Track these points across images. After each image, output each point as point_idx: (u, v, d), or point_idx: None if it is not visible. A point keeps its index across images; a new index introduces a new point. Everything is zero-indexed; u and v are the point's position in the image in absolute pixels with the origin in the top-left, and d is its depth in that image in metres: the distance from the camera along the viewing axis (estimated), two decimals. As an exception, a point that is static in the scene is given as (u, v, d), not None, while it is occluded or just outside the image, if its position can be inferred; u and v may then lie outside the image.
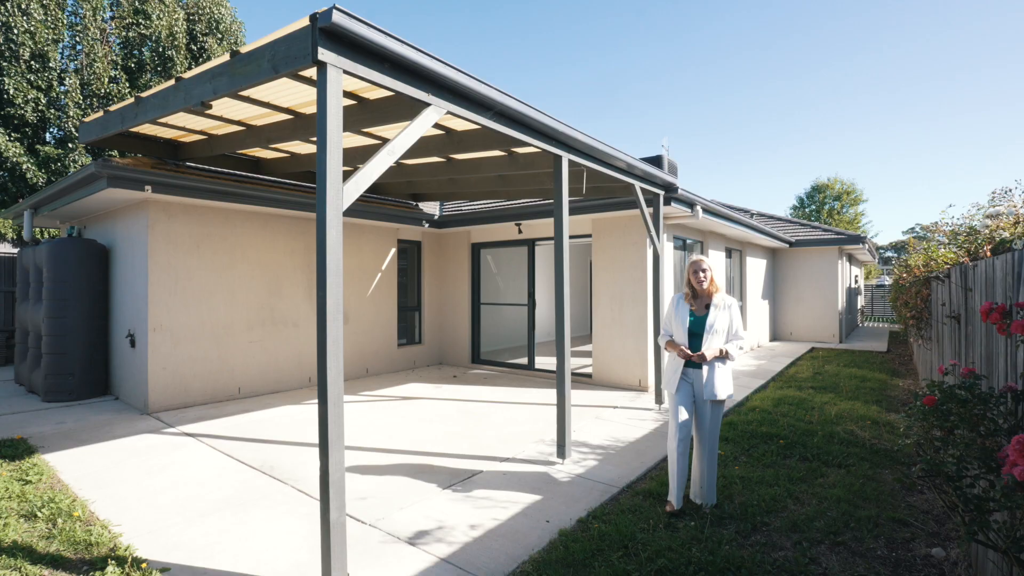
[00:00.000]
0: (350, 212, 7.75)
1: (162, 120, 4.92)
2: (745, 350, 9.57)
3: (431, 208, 9.76)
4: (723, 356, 3.52)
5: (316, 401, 6.88)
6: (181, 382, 6.42)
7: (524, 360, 9.44)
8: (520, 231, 8.78)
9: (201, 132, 5.57)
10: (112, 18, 13.16)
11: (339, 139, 2.65)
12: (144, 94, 4.17)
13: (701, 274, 3.58)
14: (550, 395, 7.19)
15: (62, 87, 11.50)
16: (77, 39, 11.84)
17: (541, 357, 10.18)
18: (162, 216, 6.29)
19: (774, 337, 14.32)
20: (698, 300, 3.65)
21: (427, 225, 9.10)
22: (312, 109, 4.42)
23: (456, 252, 9.86)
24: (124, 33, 12.89)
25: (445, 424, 5.81)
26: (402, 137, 3.03)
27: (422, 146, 5.02)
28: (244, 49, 3.07)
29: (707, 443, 3.61)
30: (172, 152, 6.13)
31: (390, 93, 3.77)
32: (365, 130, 4.71)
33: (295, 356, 7.62)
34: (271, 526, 3.40)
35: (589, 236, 8.17)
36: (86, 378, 6.78)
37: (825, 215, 32.86)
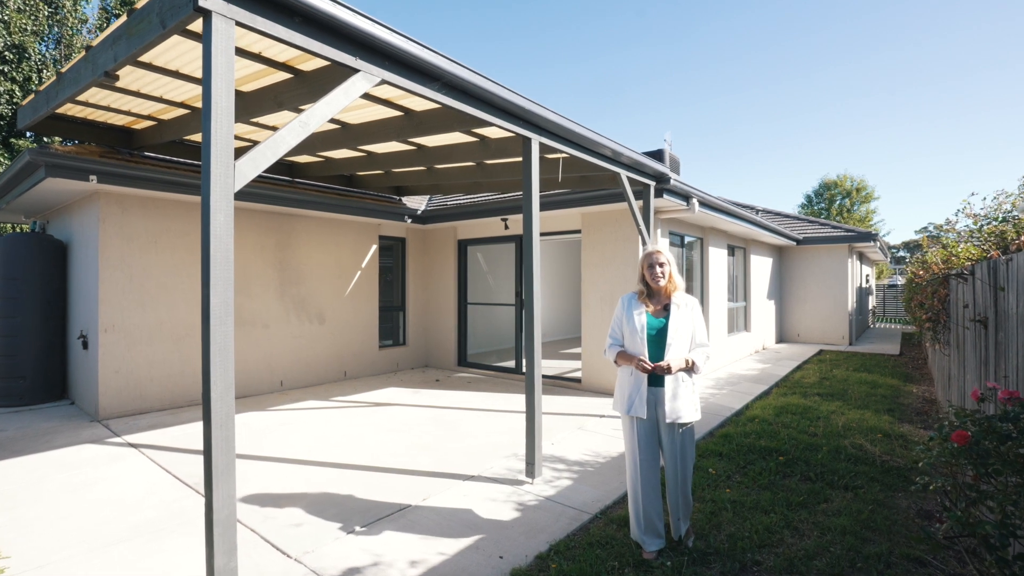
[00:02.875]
0: (327, 206, 7.32)
1: (83, 99, 4.49)
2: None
3: (415, 203, 9.30)
4: (690, 368, 2.91)
5: (283, 407, 6.47)
6: (136, 387, 6.00)
7: (513, 363, 8.95)
8: (507, 226, 8.29)
9: (149, 117, 5.15)
10: (100, 8, 12.83)
11: (229, 104, 2.18)
12: (64, 69, 3.74)
13: (658, 268, 2.95)
14: (534, 402, 6.69)
15: (40, 81, 11.16)
16: (56, 28, 11.50)
17: (531, 360, 9.69)
18: (115, 209, 5.87)
19: (780, 339, 13.72)
20: (654, 299, 3.02)
21: (409, 220, 8.64)
22: (253, 86, 3.96)
23: (442, 249, 9.39)
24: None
25: (415, 434, 5.34)
26: (320, 107, 2.55)
27: (381, 129, 4.55)
28: (139, 4, 2.61)
29: (680, 477, 2.94)
30: (126, 140, 5.72)
31: (327, 63, 3.31)
32: (303, 108, 4.23)
33: (264, 359, 7.19)
34: (183, 559, 2.95)
35: (578, 232, 7.66)
36: (40, 382, 6.39)
37: (835, 213, 32.02)
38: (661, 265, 2.96)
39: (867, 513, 3.55)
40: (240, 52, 3.32)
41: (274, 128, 5.06)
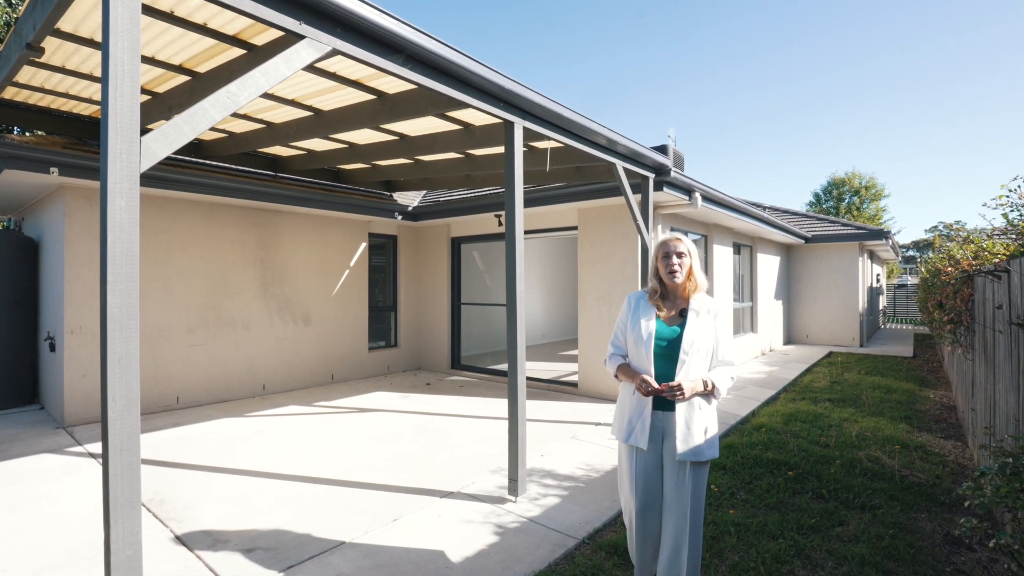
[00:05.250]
0: (313, 202, 6.99)
1: (37, 84, 4.19)
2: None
3: (408, 199, 8.95)
4: (709, 392, 2.27)
5: (262, 413, 6.15)
6: (105, 391, 5.68)
7: (508, 366, 8.58)
8: (500, 223, 7.93)
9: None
10: None
11: (133, 67, 1.84)
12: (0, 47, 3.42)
13: (675, 260, 2.33)
14: (529, 408, 6.33)
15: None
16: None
17: (528, 362, 9.32)
18: (82, 204, 5.56)
19: (788, 340, 13.28)
20: (669, 301, 2.40)
21: (400, 217, 8.29)
22: (207, 66, 3.62)
23: (435, 247, 9.04)
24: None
25: (397, 443, 5.00)
26: (256, 76, 2.20)
27: (355, 114, 4.20)
28: (50, -38, 2.28)
29: (684, 526, 2.24)
30: (95, 132, 5.41)
31: (282, 33, 2.97)
32: (272, 92, 3.90)
33: (245, 361, 6.87)
34: (113, 593, 2.61)
35: (575, 228, 7.29)
36: (8, 386, 6.09)
37: (843, 211, 31.38)
38: (680, 256, 2.34)
39: (888, 539, 3.17)
40: (182, 22, 2.98)
41: (233, 115, 4.71)
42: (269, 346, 7.12)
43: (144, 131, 5.52)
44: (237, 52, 3.31)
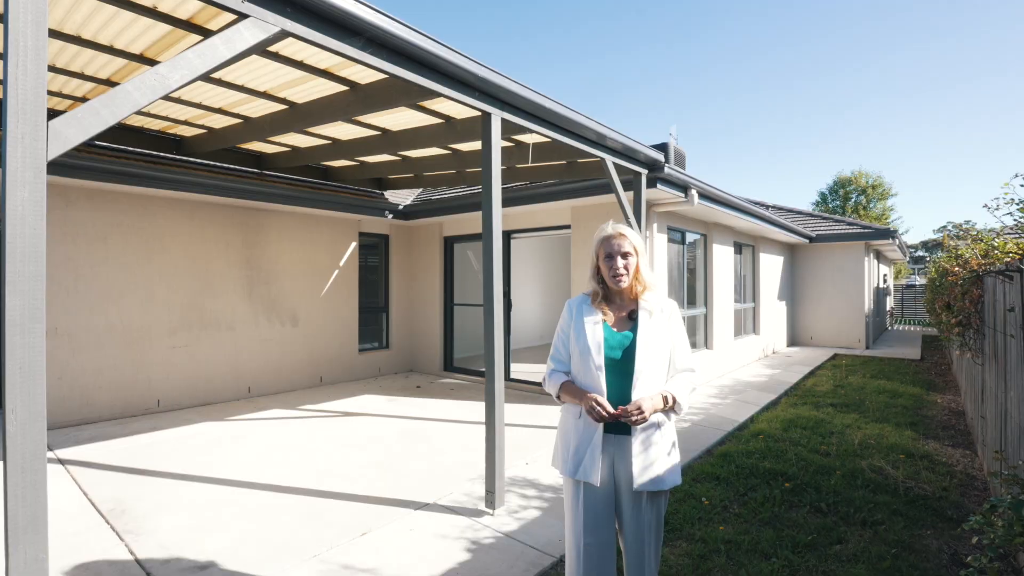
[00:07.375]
0: (299, 200, 6.82)
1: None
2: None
3: (400, 198, 8.77)
4: (669, 408, 1.91)
5: (244, 416, 5.98)
6: (82, 394, 5.54)
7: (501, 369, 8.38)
8: (493, 222, 7.72)
9: (84, 99, 4.68)
10: None
11: (38, 41, 1.65)
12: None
13: (619, 261, 1.96)
14: (519, 412, 6.14)
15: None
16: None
17: (521, 364, 9.12)
18: (57, 202, 5.41)
19: (792, 342, 13.00)
20: (614, 303, 2.04)
21: (391, 216, 8.11)
22: (168, 55, 3.44)
23: (427, 246, 8.84)
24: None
25: (376, 450, 4.81)
26: (190, 58, 2.02)
27: (328, 106, 4.02)
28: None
29: (643, 562, 1.93)
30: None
31: (235, 16, 2.78)
32: (217, 77, 3.71)
33: (230, 363, 6.70)
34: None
35: (568, 227, 7.08)
36: (-15, 388, 5.95)
37: (850, 211, 30.95)
38: (625, 256, 1.96)
39: (890, 559, 2.94)
40: (131, 6, 2.81)
41: (199, 106, 4.52)
42: (255, 348, 6.95)
43: (131, 129, 5.38)
44: (196, 38, 3.13)
